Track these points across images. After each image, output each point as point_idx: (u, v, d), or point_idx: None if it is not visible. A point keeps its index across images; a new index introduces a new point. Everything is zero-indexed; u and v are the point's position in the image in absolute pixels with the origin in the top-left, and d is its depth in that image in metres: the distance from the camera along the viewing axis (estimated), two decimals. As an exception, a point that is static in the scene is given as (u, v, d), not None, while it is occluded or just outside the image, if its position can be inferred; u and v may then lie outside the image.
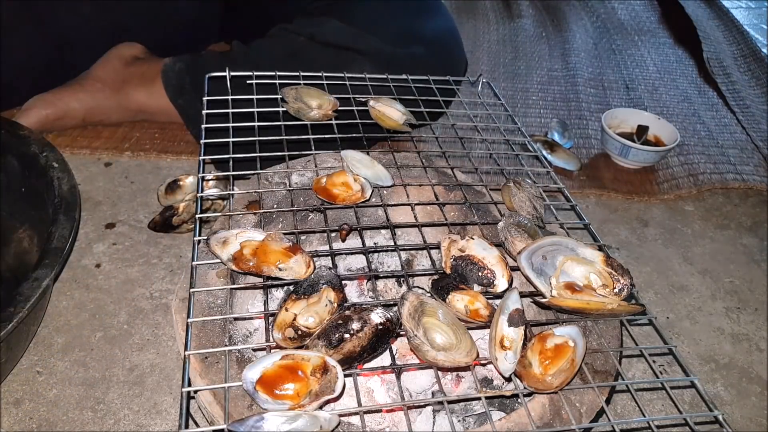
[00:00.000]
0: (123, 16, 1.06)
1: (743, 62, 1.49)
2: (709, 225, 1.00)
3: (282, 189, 0.65)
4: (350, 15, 0.99)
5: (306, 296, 0.48)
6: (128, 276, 0.80)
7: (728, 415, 0.71)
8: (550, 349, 0.46)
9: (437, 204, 0.65)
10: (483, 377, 0.62)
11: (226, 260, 0.51)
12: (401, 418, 0.57)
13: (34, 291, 0.57)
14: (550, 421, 0.47)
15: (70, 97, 0.98)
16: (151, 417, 0.64)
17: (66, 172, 0.71)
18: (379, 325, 0.46)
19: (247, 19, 1.16)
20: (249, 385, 0.42)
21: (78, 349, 0.70)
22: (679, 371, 0.72)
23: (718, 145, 1.17)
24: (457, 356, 0.45)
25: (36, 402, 0.64)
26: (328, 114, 0.71)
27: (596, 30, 1.61)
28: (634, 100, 1.30)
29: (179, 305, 0.54)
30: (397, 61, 0.91)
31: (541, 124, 1.19)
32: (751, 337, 0.81)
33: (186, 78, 0.95)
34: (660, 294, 0.86)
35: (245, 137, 0.66)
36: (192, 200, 0.86)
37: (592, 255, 0.53)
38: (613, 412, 0.69)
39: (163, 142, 1.02)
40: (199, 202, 0.58)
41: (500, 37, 1.53)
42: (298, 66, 0.77)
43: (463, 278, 0.52)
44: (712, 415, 0.46)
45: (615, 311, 0.50)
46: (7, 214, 0.76)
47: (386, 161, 0.70)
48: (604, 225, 0.97)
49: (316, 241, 0.73)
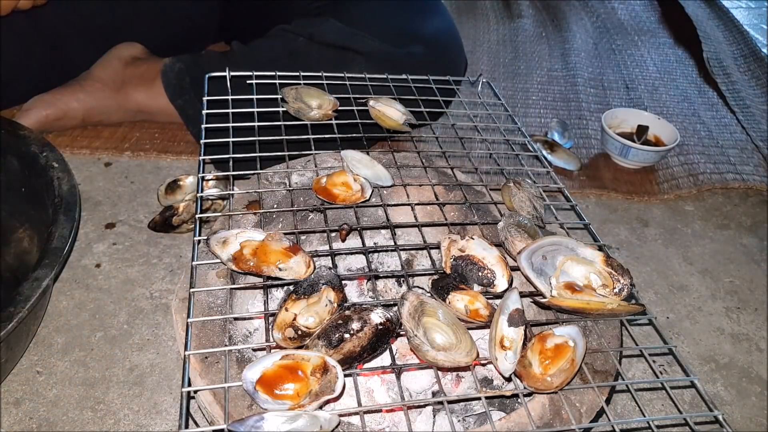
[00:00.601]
0: (121, 16, 1.06)
1: (743, 62, 1.49)
2: (709, 225, 1.00)
3: (282, 189, 0.65)
4: (349, 15, 0.99)
5: (306, 296, 0.48)
6: (128, 276, 0.80)
7: (728, 415, 0.70)
8: (550, 349, 0.46)
9: (437, 204, 0.65)
10: (483, 377, 0.62)
11: (226, 260, 0.51)
12: (401, 418, 0.57)
13: (34, 291, 0.57)
14: (550, 421, 0.47)
15: (70, 97, 0.98)
16: (151, 417, 0.64)
17: (66, 172, 0.71)
18: (379, 325, 0.46)
19: (246, 20, 1.16)
20: (249, 385, 0.42)
21: (78, 349, 0.70)
22: (679, 371, 0.72)
23: (718, 145, 1.17)
24: (457, 356, 0.45)
25: (36, 402, 0.64)
26: (328, 114, 0.71)
27: (596, 30, 1.61)
28: (634, 100, 1.30)
29: (179, 305, 0.54)
30: (396, 61, 0.91)
31: (541, 124, 1.19)
32: (751, 337, 0.81)
33: (186, 78, 0.95)
34: (660, 294, 0.86)
35: (245, 137, 0.66)
36: (192, 200, 0.86)
37: (592, 255, 0.53)
38: (613, 412, 0.69)
39: (163, 142, 1.02)
40: (199, 202, 0.58)
41: (500, 37, 1.53)
42: (298, 66, 0.77)
43: (463, 278, 0.52)
44: (712, 415, 0.47)
45: (615, 311, 0.50)
46: (7, 214, 0.76)
47: (386, 161, 0.70)
48: (604, 225, 0.97)
49: (316, 241, 0.73)
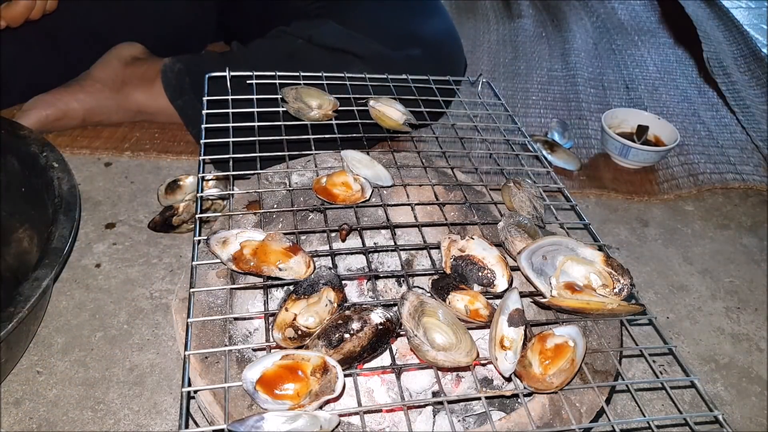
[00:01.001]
0: (121, 16, 1.06)
1: (743, 62, 1.49)
2: (709, 225, 1.00)
3: (282, 189, 0.65)
4: (349, 17, 0.99)
5: (306, 296, 0.48)
6: (128, 276, 0.80)
7: (728, 415, 0.70)
8: (550, 349, 0.46)
9: (437, 204, 0.65)
10: (483, 377, 0.62)
11: (226, 260, 0.51)
12: (401, 418, 0.57)
13: (34, 291, 0.57)
14: (550, 421, 0.47)
15: (70, 97, 0.98)
16: (151, 417, 0.64)
17: (66, 172, 0.71)
18: (379, 325, 0.46)
19: (245, 20, 1.16)
20: (249, 385, 0.42)
21: (78, 349, 0.70)
22: (679, 371, 0.72)
23: (718, 145, 1.17)
24: (457, 356, 0.45)
25: (36, 402, 0.64)
26: (328, 114, 0.71)
27: (596, 30, 1.61)
28: (634, 100, 1.30)
29: (179, 305, 0.54)
30: (395, 64, 0.91)
31: (541, 124, 1.19)
32: (751, 337, 0.81)
33: (185, 78, 0.95)
34: (660, 294, 0.86)
35: (245, 137, 0.66)
36: (192, 200, 0.86)
37: (592, 255, 0.53)
38: (613, 412, 0.69)
39: (163, 142, 1.02)
40: (199, 202, 0.58)
41: (500, 37, 1.53)
42: (297, 67, 0.77)
43: (463, 278, 0.52)
44: (712, 415, 0.46)
45: (615, 311, 0.50)
46: (7, 214, 0.76)
47: (386, 161, 0.70)
48: (604, 225, 0.97)
49: (316, 241, 0.73)
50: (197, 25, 1.18)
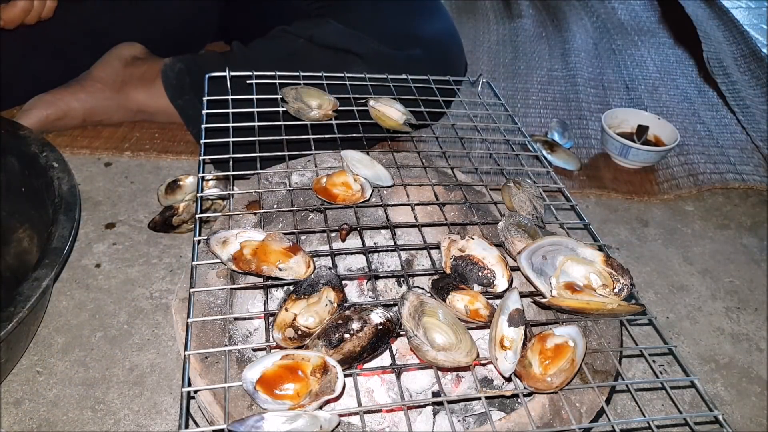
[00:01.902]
0: (121, 16, 1.05)
1: (743, 62, 1.49)
2: (709, 225, 1.00)
3: (282, 189, 0.65)
4: (350, 17, 0.99)
5: (306, 296, 0.48)
6: (128, 276, 0.80)
7: (728, 415, 0.70)
8: (550, 349, 0.46)
9: (437, 204, 0.65)
10: (483, 377, 0.62)
11: (226, 260, 0.51)
12: (401, 418, 0.57)
13: (34, 291, 0.57)
14: (550, 421, 0.47)
15: (71, 97, 0.98)
16: (151, 417, 0.64)
17: (66, 172, 0.71)
18: (379, 325, 0.46)
19: (246, 20, 1.16)
20: (249, 385, 0.42)
21: (78, 349, 0.70)
22: (679, 371, 0.72)
23: (718, 145, 1.17)
24: (457, 356, 0.45)
25: (36, 402, 0.64)
26: (328, 114, 0.71)
27: (596, 30, 1.61)
28: (634, 100, 1.30)
29: (179, 305, 0.54)
30: (395, 64, 0.91)
31: (541, 124, 1.19)
32: (751, 337, 0.81)
33: (186, 78, 0.95)
34: (660, 294, 0.86)
35: (245, 137, 0.66)
36: (192, 200, 0.86)
37: (592, 255, 0.53)
38: (613, 412, 0.69)
39: (163, 142, 1.02)
40: (199, 202, 0.58)
41: (500, 37, 1.53)
42: (298, 67, 0.77)
43: (463, 278, 0.52)
44: (712, 415, 0.47)
45: (615, 311, 0.50)
46: (7, 214, 0.76)
47: (386, 161, 0.70)
48: (604, 225, 0.97)
49: (316, 241, 0.73)
50: (198, 24, 1.18)
